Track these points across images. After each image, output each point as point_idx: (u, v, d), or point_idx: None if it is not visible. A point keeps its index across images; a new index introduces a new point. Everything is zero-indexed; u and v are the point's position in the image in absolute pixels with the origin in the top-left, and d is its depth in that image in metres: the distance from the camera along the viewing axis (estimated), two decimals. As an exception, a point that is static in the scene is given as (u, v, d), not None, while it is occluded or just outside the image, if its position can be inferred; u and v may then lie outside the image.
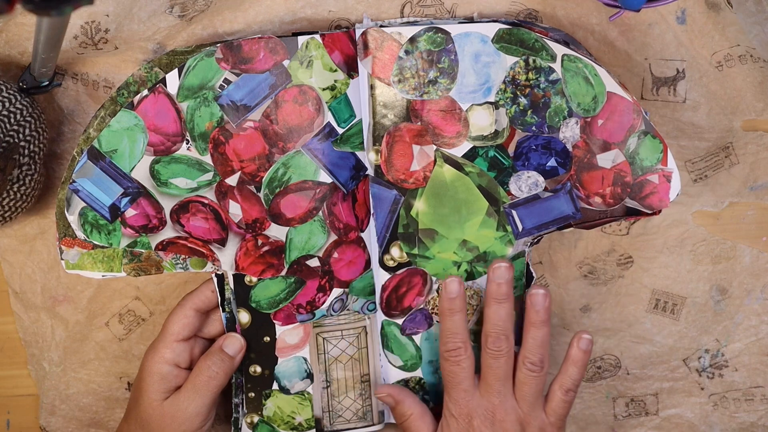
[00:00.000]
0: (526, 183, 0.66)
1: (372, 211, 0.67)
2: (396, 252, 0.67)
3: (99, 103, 0.69)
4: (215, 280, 0.67)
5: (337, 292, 0.67)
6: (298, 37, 0.64)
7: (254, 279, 0.66)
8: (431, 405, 0.69)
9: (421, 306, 0.68)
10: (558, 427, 0.66)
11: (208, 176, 0.65)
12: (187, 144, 0.64)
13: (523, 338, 0.65)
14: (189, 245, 0.65)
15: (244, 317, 0.67)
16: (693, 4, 0.68)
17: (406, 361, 0.69)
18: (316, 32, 0.65)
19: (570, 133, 0.65)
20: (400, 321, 0.68)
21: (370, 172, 0.66)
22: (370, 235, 0.67)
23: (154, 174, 0.64)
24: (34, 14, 0.46)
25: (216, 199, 0.65)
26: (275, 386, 0.68)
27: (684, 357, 0.73)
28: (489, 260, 0.67)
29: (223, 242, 0.65)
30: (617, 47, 0.68)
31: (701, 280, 0.72)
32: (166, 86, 0.63)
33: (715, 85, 0.69)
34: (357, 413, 0.69)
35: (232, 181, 0.65)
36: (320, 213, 0.66)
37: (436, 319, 0.68)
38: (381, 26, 0.65)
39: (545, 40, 0.64)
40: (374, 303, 0.68)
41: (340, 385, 0.69)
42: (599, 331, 0.72)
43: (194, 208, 0.65)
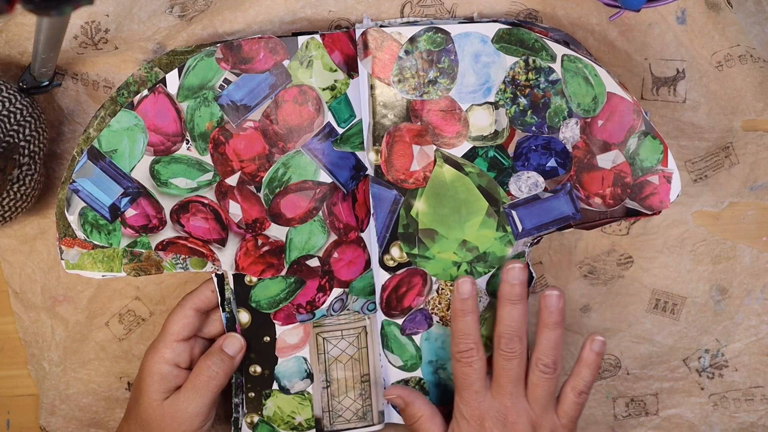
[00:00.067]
0: (525, 183, 0.66)
1: (372, 211, 0.67)
2: (396, 252, 0.67)
3: (99, 103, 0.69)
4: (215, 280, 0.67)
5: (337, 292, 0.67)
6: (298, 37, 0.64)
7: (254, 279, 0.66)
8: (431, 405, 0.70)
9: (421, 306, 0.68)
10: (569, 430, 0.65)
11: (208, 176, 0.65)
12: (187, 144, 0.64)
13: (536, 340, 0.65)
14: (189, 245, 0.65)
15: (244, 317, 0.67)
16: (693, 4, 0.68)
17: (406, 361, 0.69)
18: (316, 32, 0.65)
19: (570, 133, 0.65)
20: (400, 321, 0.68)
21: (370, 172, 0.66)
22: (370, 235, 0.67)
23: (154, 174, 0.64)
24: (34, 14, 0.46)
25: (216, 199, 0.65)
26: (275, 386, 0.68)
27: (684, 357, 0.73)
28: (489, 260, 0.67)
29: (223, 242, 0.65)
30: (617, 47, 0.68)
31: (701, 280, 0.72)
32: (166, 86, 0.63)
33: (715, 85, 0.69)
34: (357, 413, 0.69)
35: (232, 181, 0.65)
36: (320, 213, 0.66)
37: (435, 319, 0.68)
38: (381, 26, 0.65)
39: (545, 41, 0.64)
40: (374, 303, 0.68)
41: (340, 385, 0.69)
42: (599, 331, 0.72)
43: (194, 208, 0.65)
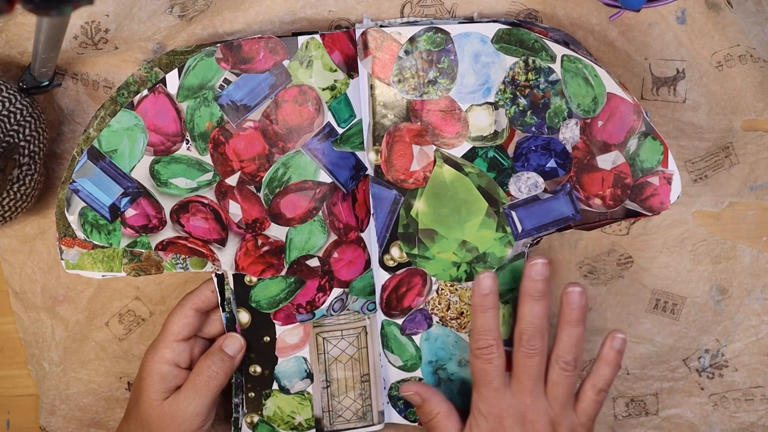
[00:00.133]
0: (525, 184, 0.66)
1: (372, 211, 0.67)
2: (396, 252, 0.67)
3: (99, 103, 0.69)
4: (215, 280, 0.67)
5: (337, 292, 0.67)
6: (298, 37, 0.64)
7: (254, 279, 0.66)
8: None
9: (421, 306, 0.68)
10: (588, 428, 0.65)
11: (208, 176, 0.65)
12: (187, 144, 0.64)
13: (556, 337, 0.64)
14: (189, 245, 0.65)
15: (244, 317, 0.67)
16: (693, 4, 0.68)
17: (406, 361, 0.69)
18: (316, 32, 0.65)
19: (570, 134, 0.65)
20: (400, 321, 0.68)
21: (370, 172, 0.66)
22: (370, 235, 0.67)
23: (154, 174, 0.64)
24: (34, 14, 0.46)
25: (216, 199, 0.65)
26: (275, 386, 0.68)
27: (684, 357, 0.73)
28: (488, 261, 0.67)
29: (223, 242, 0.65)
30: (617, 47, 0.68)
31: (701, 280, 0.72)
32: (166, 86, 0.63)
33: (715, 85, 0.69)
34: (357, 413, 0.69)
35: (232, 181, 0.65)
36: (320, 213, 0.66)
37: (435, 319, 0.68)
38: (381, 26, 0.65)
39: (545, 41, 0.64)
40: (374, 303, 0.68)
41: (340, 385, 0.69)
42: (599, 331, 0.72)
43: (194, 208, 0.65)
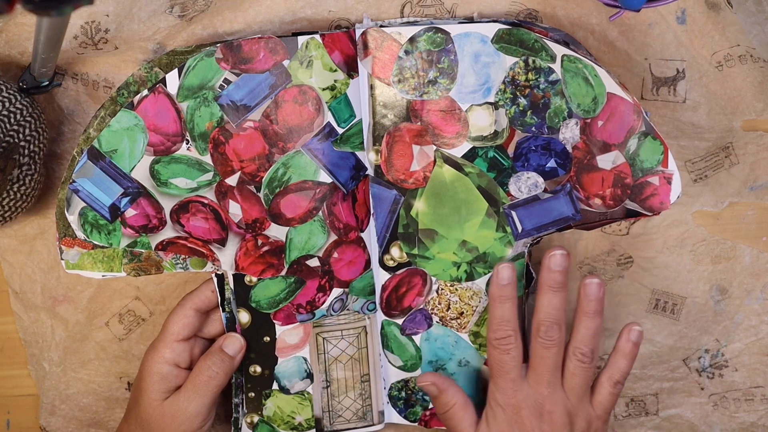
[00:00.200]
0: (525, 184, 0.66)
1: (372, 211, 0.67)
2: (396, 252, 0.67)
3: (99, 103, 0.69)
4: (215, 280, 0.67)
5: (337, 292, 0.67)
6: (298, 37, 0.64)
7: (254, 279, 0.66)
8: (431, 406, 0.70)
9: (421, 306, 0.68)
10: (604, 421, 0.65)
11: (208, 176, 0.65)
12: (187, 144, 0.64)
13: (573, 328, 0.64)
14: (189, 245, 0.65)
15: (244, 317, 0.67)
16: (693, 4, 0.68)
17: (406, 361, 0.69)
18: (316, 32, 0.65)
19: (570, 134, 0.65)
20: (400, 321, 0.68)
21: (370, 172, 0.66)
22: (370, 235, 0.67)
23: (154, 174, 0.64)
24: (34, 14, 0.46)
25: (216, 199, 0.65)
26: (275, 386, 0.68)
27: (684, 357, 0.73)
28: (488, 261, 0.67)
29: (223, 242, 0.65)
30: (617, 47, 0.68)
31: (701, 280, 0.72)
32: (166, 86, 0.63)
33: (715, 85, 0.69)
34: (357, 413, 0.69)
35: (232, 181, 0.65)
36: (320, 213, 0.66)
37: (435, 319, 0.68)
38: (381, 26, 0.65)
39: (545, 41, 0.64)
40: (374, 303, 0.68)
41: (340, 385, 0.69)
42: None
43: (194, 208, 0.65)
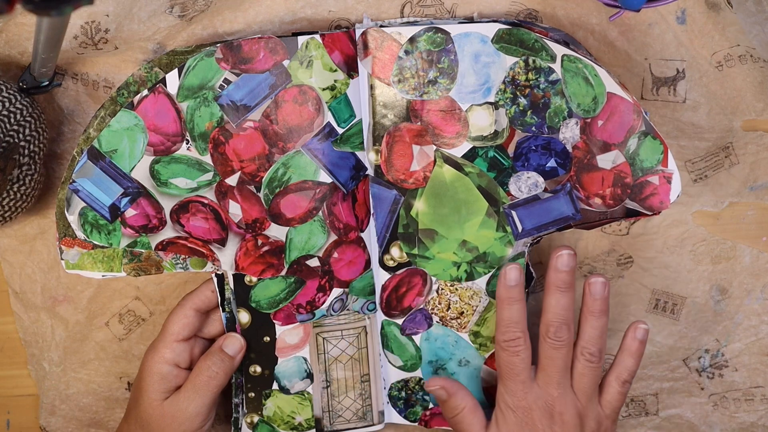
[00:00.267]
0: (525, 183, 0.66)
1: (372, 211, 0.67)
2: (396, 252, 0.67)
3: (99, 103, 0.69)
4: (215, 280, 0.67)
5: (337, 292, 0.67)
6: (298, 37, 0.64)
7: (254, 279, 0.66)
8: (431, 406, 0.70)
9: (421, 306, 0.68)
10: (612, 420, 0.65)
11: (208, 176, 0.65)
12: (187, 144, 0.64)
13: (580, 328, 0.64)
14: (189, 245, 0.65)
15: (244, 317, 0.67)
16: (693, 4, 0.68)
17: (406, 362, 0.69)
18: (316, 32, 0.65)
19: (570, 133, 0.65)
20: (400, 321, 0.68)
21: (370, 172, 0.66)
22: (370, 235, 0.67)
23: (154, 174, 0.64)
24: (34, 14, 0.46)
25: (216, 199, 0.65)
26: (275, 386, 0.68)
27: (684, 357, 0.73)
28: (488, 261, 0.67)
29: (223, 242, 0.65)
30: (617, 47, 0.68)
31: (701, 280, 0.72)
32: (166, 86, 0.63)
33: (715, 85, 0.69)
34: (357, 413, 0.69)
35: (232, 181, 0.65)
36: (320, 213, 0.66)
37: (435, 319, 0.68)
38: (381, 26, 0.65)
39: (545, 41, 0.64)
40: (374, 303, 0.68)
41: (340, 385, 0.69)
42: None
43: (194, 208, 0.65)
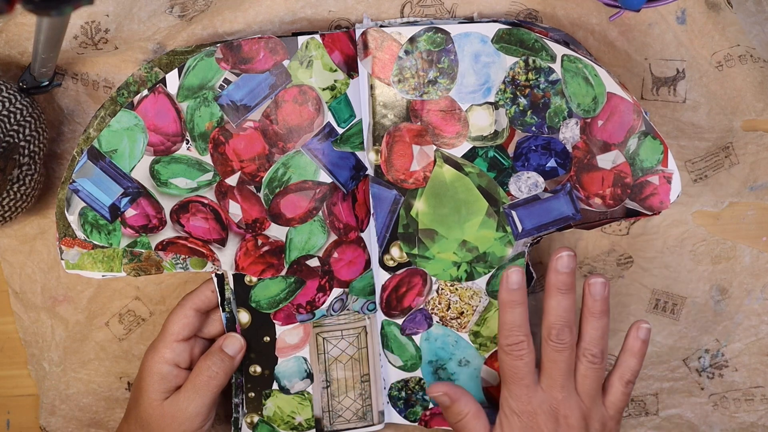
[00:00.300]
0: (525, 183, 0.66)
1: (372, 211, 0.67)
2: (396, 252, 0.67)
3: (99, 103, 0.69)
4: (215, 280, 0.67)
5: (337, 292, 0.67)
6: (298, 37, 0.64)
7: (254, 279, 0.66)
8: (431, 406, 0.70)
9: (421, 306, 0.68)
10: (617, 421, 0.64)
11: (208, 176, 0.65)
12: (187, 144, 0.64)
13: (581, 329, 0.64)
14: (189, 245, 0.65)
15: (244, 317, 0.67)
16: (693, 4, 0.68)
17: (406, 361, 0.69)
18: (316, 32, 0.65)
19: (570, 133, 0.65)
20: (400, 321, 0.68)
21: (370, 172, 0.66)
22: (370, 235, 0.67)
23: (154, 174, 0.64)
24: (34, 14, 0.46)
25: (216, 199, 0.65)
26: (275, 386, 0.68)
27: (684, 357, 0.73)
28: (488, 261, 0.67)
29: (223, 242, 0.65)
30: (617, 47, 0.68)
31: (701, 280, 0.72)
32: (166, 86, 0.63)
33: (715, 85, 0.69)
34: (357, 413, 0.69)
35: (232, 181, 0.65)
36: (320, 213, 0.66)
37: (435, 319, 0.68)
38: (381, 26, 0.65)
39: (545, 41, 0.64)
40: (374, 303, 0.68)
41: (340, 385, 0.69)
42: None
43: (194, 208, 0.65)
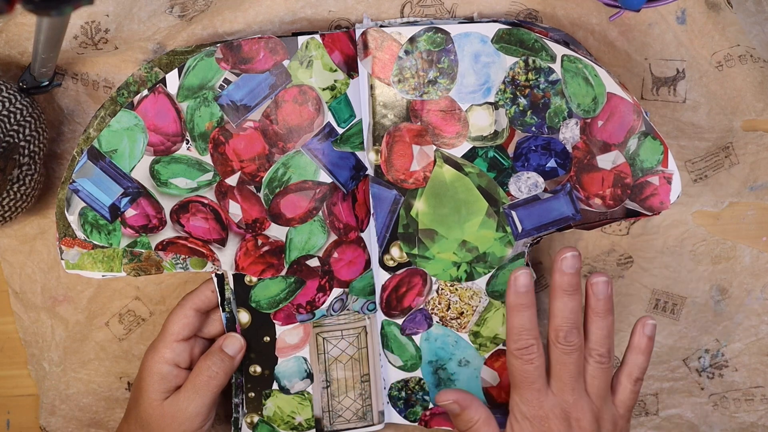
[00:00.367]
0: (525, 184, 0.66)
1: (372, 211, 0.67)
2: (396, 252, 0.67)
3: (99, 103, 0.69)
4: (215, 280, 0.67)
5: (337, 292, 0.67)
6: (298, 37, 0.64)
7: (254, 279, 0.66)
8: (431, 406, 0.70)
9: (421, 306, 0.68)
10: (627, 420, 0.64)
11: (208, 176, 0.65)
12: (187, 144, 0.64)
13: (586, 330, 0.63)
14: (189, 245, 0.65)
15: (244, 317, 0.67)
16: (693, 4, 0.68)
17: (406, 361, 0.69)
18: (316, 32, 0.65)
19: (570, 134, 0.65)
20: (400, 321, 0.68)
21: (370, 172, 0.66)
22: (370, 235, 0.67)
23: (154, 174, 0.64)
24: (34, 14, 0.46)
25: (216, 199, 0.65)
26: (275, 386, 0.68)
27: (684, 357, 0.73)
28: (488, 261, 0.67)
29: (223, 242, 0.65)
30: (617, 47, 0.68)
31: (701, 280, 0.72)
32: (166, 86, 0.63)
33: (715, 85, 0.69)
34: (357, 413, 0.69)
35: (232, 181, 0.65)
36: (320, 213, 0.66)
37: (435, 319, 0.68)
38: (381, 26, 0.65)
39: (545, 41, 0.64)
40: (374, 303, 0.68)
41: (340, 385, 0.69)
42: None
43: (194, 208, 0.65)
